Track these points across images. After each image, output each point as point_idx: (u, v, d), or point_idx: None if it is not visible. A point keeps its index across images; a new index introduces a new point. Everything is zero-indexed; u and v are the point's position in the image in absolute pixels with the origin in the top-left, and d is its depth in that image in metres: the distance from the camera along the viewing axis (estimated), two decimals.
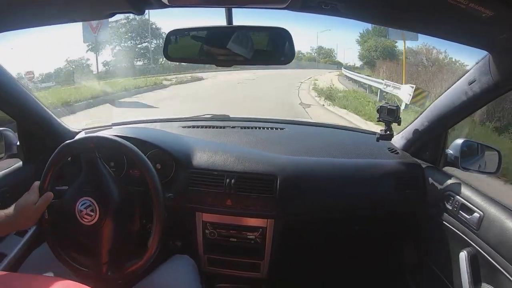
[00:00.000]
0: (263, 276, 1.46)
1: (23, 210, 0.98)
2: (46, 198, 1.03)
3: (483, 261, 1.15)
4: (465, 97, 1.12)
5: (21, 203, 0.99)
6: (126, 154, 1.21)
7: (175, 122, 1.87)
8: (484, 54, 0.98)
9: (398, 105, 1.44)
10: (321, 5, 0.77)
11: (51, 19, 0.96)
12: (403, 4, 0.72)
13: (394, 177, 1.43)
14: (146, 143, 1.37)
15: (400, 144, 1.58)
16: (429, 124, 1.35)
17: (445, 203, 1.34)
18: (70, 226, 1.06)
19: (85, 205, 1.03)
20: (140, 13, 0.87)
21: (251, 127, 1.82)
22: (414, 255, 1.61)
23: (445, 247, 1.37)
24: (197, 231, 1.41)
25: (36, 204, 1.01)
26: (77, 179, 1.09)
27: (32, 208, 1.00)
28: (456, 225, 1.29)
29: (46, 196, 1.03)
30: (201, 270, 1.40)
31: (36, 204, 1.01)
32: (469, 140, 1.40)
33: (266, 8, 0.88)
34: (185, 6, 0.93)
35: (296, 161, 1.44)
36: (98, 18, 0.97)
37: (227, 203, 1.34)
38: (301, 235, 1.60)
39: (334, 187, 1.41)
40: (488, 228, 1.13)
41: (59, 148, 1.10)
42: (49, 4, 0.81)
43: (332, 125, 2.10)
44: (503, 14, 0.64)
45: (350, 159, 1.52)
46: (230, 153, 1.43)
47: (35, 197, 1.02)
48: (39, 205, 1.01)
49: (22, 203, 0.99)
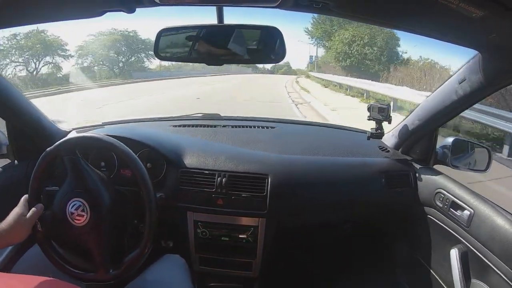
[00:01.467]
0: (255, 275, 1.46)
1: (14, 225, 0.96)
2: (36, 211, 1.01)
3: (474, 258, 1.16)
4: (455, 96, 1.13)
5: (11, 218, 0.96)
6: (116, 153, 1.19)
7: (166, 122, 1.85)
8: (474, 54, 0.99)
9: (388, 104, 1.45)
10: (312, 4, 0.77)
11: (41, 18, 0.94)
12: (394, 3, 0.72)
13: (385, 175, 1.44)
14: (137, 143, 1.36)
15: (391, 142, 1.59)
16: (419, 123, 1.36)
17: (436, 200, 1.35)
18: (63, 229, 1.05)
19: (76, 206, 1.02)
20: (130, 11, 0.86)
21: (242, 126, 1.82)
22: (405, 252, 1.62)
23: (436, 244, 1.38)
24: (188, 231, 1.40)
25: (27, 217, 0.98)
26: (65, 180, 1.08)
27: (22, 222, 0.97)
28: (446, 222, 1.30)
29: (36, 208, 1.01)
30: (193, 270, 1.39)
31: (26, 217, 0.98)
32: (459, 138, 1.42)
33: (257, 6, 0.88)
34: (175, 5, 0.92)
35: (287, 159, 1.44)
36: (89, 16, 0.95)
37: (218, 202, 1.34)
38: (293, 234, 1.60)
39: (325, 186, 1.42)
40: (478, 225, 1.14)
41: (41, 157, 1.08)
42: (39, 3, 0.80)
43: (323, 124, 2.12)
44: (493, 13, 0.64)
45: (341, 157, 1.52)
46: (221, 152, 1.43)
47: (24, 210, 1.00)
48: (30, 218, 0.99)
49: (12, 218, 0.96)
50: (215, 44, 1.05)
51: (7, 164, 1.39)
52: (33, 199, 1.05)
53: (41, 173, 1.08)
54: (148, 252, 1.07)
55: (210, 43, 1.06)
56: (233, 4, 0.92)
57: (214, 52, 1.08)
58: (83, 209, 1.02)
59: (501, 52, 0.87)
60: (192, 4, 0.94)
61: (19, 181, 1.31)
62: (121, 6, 0.83)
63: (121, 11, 0.86)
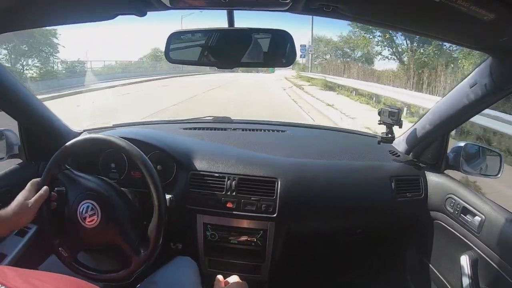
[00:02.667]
0: (264, 279, 1.46)
1: (18, 210, 0.97)
2: (41, 194, 1.02)
3: (484, 265, 1.14)
4: (466, 100, 1.12)
5: (15, 203, 0.98)
6: (127, 155, 1.21)
7: (176, 124, 1.87)
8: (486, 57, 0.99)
9: (399, 108, 1.44)
10: (322, 7, 0.77)
11: (54, 20, 0.96)
12: (406, 7, 0.72)
13: (395, 179, 1.42)
14: (147, 145, 1.37)
15: (401, 147, 1.58)
16: (430, 127, 1.35)
17: (446, 206, 1.34)
18: (74, 229, 1.06)
19: (87, 208, 1.04)
20: (142, 14, 0.87)
21: (252, 129, 1.82)
22: (415, 258, 1.60)
23: (446, 250, 1.36)
24: (197, 233, 1.40)
25: (32, 200, 1.00)
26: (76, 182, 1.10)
27: (26, 205, 0.99)
28: (457, 228, 1.28)
29: (42, 191, 1.03)
30: (202, 272, 1.40)
31: (31, 200, 1.00)
32: (471, 143, 1.40)
33: (267, 10, 0.88)
34: (186, 8, 0.93)
35: (297, 163, 1.44)
36: (100, 19, 0.96)
37: (227, 205, 1.34)
38: (302, 238, 1.59)
39: (335, 190, 1.41)
40: (489, 231, 1.13)
41: (60, 149, 1.10)
42: (51, 5, 0.82)
43: (333, 128, 2.11)
44: (505, 17, 0.63)
45: (351, 162, 1.51)
46: (231, 155, 1.43)
47: (29, 194, 1.01)
48: (35, 200, 1.00)
49: (16, 203, 0.98)
50: (226, 48, 1.06)
51: (19, 164, 1.41)
52: (43, 183, 1.07)
53: (59, 161, 1.10)
54: (156, 253, 1.07)
55: (220, 47, 1.06)
56: (243, 8, 0.93)
57: (224, 56, 1.08)
58: (95, 212, 1.04)
59: None
60: (203, 8, 0.95)
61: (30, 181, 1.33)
62: (133, 10, 0.85)
63: (133, 14, 0.87)
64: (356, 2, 0.76)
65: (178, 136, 1.59)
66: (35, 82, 15.26)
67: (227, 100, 11.20)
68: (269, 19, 13.53)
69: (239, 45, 1.04)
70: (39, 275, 0.51)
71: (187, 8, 0.92)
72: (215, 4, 0.90)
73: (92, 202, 1.05)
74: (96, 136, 1.14)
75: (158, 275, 1.13)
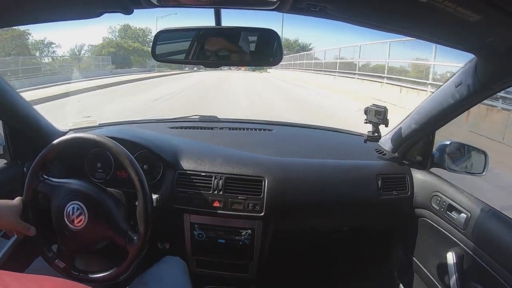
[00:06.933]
0: (252, 277, 1.46)
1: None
2: (24, 226, 1.02)
3: (470, 261, 1.16)
4: (452, 99, 1.13)
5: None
6: (113, 154, 1.19)
7: (163, 123, 1.85)
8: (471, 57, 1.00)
9: (385, 107, 1.45)
10: (310, 7, 0.77)
11: (38, 18, 0.93)
12: (393, 7, 0.73)
13: (381, 178, 1.44)
14: (134, 144, 1.36)
15: (388, 146, 1.59)
16: (416, 126, 1.36)
17: (432, 203, 1.36)
18: (65, 236, 1.05)
19: (73, 209, 1.03)
20: (128, 13, 0.85)
21: (239, 128, 1.81)
22: (402, 255, 1.62)
23: (432, 247, 1.38)
24: (185, 233, 1.40)
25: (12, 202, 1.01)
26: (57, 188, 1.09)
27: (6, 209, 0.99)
28: (443, 225, 1.30)
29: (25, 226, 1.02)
30: (190, 272, 1.39)
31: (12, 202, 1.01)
32: (456, 141, 1.42)
33: (255, 9, 0.88)
34: (173, 6, 0.92)
35: (284, 162, 1.44)
36: (86, 17, 0.94)
37: (215, 205, 1.34)
38: (290, 237, 1.60)
39: (322, 189, 1.41)
40: (474, 228, 1.15)
41: (45, 149, 1.09)
42: (36, 3, 0.80)
43: (320, 127, 2.12)
44: (491, 17, 0.64)
45: (337, 160, 1.52)
46: (218, 154, 1.43)
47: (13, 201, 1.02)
48: (16, 203, 1.02)
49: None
50: (213, 47, 1.05)
51: (3, 164, 1.38)
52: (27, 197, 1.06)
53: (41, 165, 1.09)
54: (142, 253, 1.06)
55: (208, 46, 1.05)
56: (231, 6, 0.92)
57: (212, 55, 1.07)
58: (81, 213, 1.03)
59: (497, 56, 0.88)
60: (190, 6, 0.94)
61: (15, 181, 1.30)
62: (118, 7, 0.83)
63: (119, 12, 0.86)
64: (344, 2, 0.76)
65: (165, 135, 1.58)
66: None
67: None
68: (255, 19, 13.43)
69: (226, 43, 1.03)
70: (36, 279, 0.51)
71: (174, 6, 0.91)
72: (202, 3, 0.89)
73: (77, 203, 1.03)
74: (82, 135, 1.12)
75: (147, 276, 1.12)
